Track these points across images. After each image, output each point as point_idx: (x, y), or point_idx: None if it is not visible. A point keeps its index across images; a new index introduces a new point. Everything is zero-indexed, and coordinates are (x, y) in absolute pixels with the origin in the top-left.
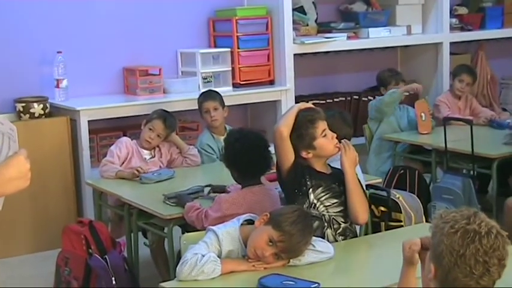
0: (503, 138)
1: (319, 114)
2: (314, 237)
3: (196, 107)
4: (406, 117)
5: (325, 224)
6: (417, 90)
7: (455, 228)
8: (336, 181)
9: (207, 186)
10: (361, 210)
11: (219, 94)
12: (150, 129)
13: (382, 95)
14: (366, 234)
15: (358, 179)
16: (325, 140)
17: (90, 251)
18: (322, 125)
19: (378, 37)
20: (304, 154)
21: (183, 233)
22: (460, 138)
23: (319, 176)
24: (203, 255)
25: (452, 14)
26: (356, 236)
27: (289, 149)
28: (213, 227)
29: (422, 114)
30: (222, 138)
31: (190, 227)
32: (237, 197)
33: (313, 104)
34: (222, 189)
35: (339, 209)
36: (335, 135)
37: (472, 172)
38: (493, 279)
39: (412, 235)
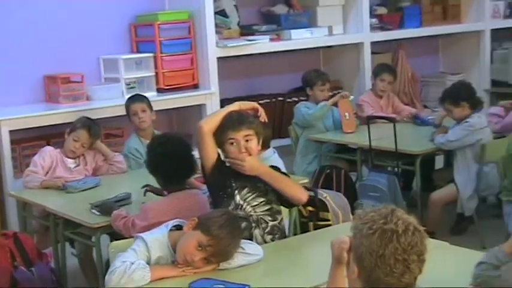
0: (428, 135)
1: (246, 119)
2: (243, 240)
3: (121, 113)
4: (330, 117)
5: (253, 225)
6: (346, 96)
7: (373, 229)
8: (261, 180)
9: (144, 186)
10: (295, 191)
11: (146, 97)
12: (75, 139)
13: (308, 95)
14: (294, 234)
15: (276, 167)
16: (232, 148)
17: (16, 263)
18: (242, 132)
19: (300, 38)
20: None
21: (111, 241)
22: (384, 136)
23: (243, 176)
24: (132, 263)
25: (372, 14)
26: (284, 234)
27: (210, 146)
28: (141, 234)
29: (346, 113)
30: None
31: (118, 235)
32: (163, 204)
33: None
34: (159, 192)
35: (266, 208)
36: (253, 145)
37: (396, 169)
38: (414, 276)
39: (340, 234)
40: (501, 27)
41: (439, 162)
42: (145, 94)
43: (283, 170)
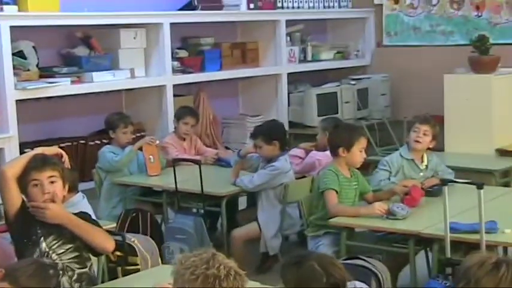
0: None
1: (50, 160)
2: None
3: None
4: (135, 161)
5: (60, 272)
6: (152, 142)
7: (195, 274)
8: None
9: None
10: (100, 241)
11: None
12: None
13: (112, 138)
14: (102, 281)
15: (86, 214)
16: (35, 189)
17: None
18: (46, 173)
19: (102, 81)
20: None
21: None
22: (189, 178)
23: (49, 223)
24: None
25: (173, 57)
26: (94, 282)
27: (14, 192)
28: None
29: (151, 156)
30: None
31: None
32: None
33: None
34: None
35: (73, 255)
36: (57, 189)
37: (202, 211)
38: None
39: (150, 278)
40: (297, 71)
41: (243, 202)
42: None
43: (93, 215)
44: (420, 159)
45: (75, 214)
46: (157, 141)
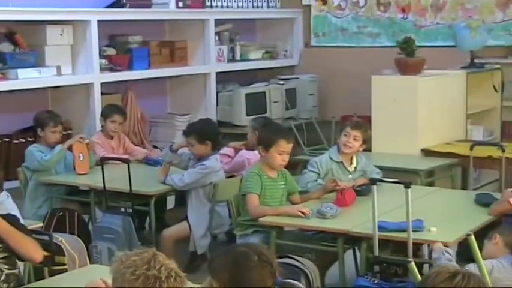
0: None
1: None
2: None
3: None
4: (62, 160)
5: None
6: (83, 140)
7: (136, 274)
8: None
9: None
10: (28, 250)
11: None
12: None
13: (39, 136)
14: (28, 281)
15: (13, 216)
16: None
17: None
18: None
19: (27, 78)
20: None
21: None
22: (118, 177)
23: None
24: None
25: (101, 55)
26: (21, 282)
27: None
28: None
29: (81, 154)
30: None
31: None
32: None
33: None
34: None
35: (2, 255)
36: None
37: (131, 210)
38: None
39: (78, 278)
40: (225, 71)
41: (171, 201)
42: None
43: (18, 215)
44: (349, 161)
45: (2, 216)
46: (87, 140)
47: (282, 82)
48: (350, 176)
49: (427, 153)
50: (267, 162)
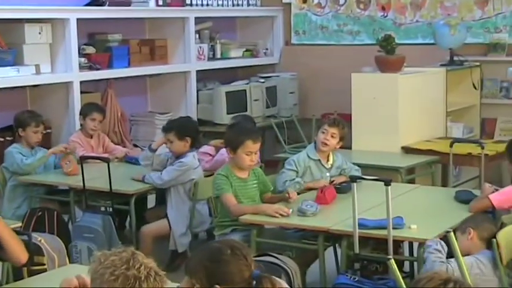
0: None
1: None
2: None
3: None
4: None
5: None
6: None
7: (115, 274)
8: None
9: None
10: (15, 250)
11: None
12: None
13: (20, 136)
14: (7, 282)
15: None
16: None
17: None
18: None
19: (5, 77)
20: None
21: None
22: (97, 176)
23: None
24: None
25: (80, 54)
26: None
27: None
28: None
29: (68, 162)
30: None
31: None
32: None
33: None
34: None
35: None
36: None
37: (111, 209)
38: None
39: (58, 279)
40: (206, 69)
41: (151, 200)
42: None
43: None
44: (326, 158)
45: None
46: (69, 150)
47: (262, 80)
48: (327, 173)
49: (407, 150)
50: (235, 163)
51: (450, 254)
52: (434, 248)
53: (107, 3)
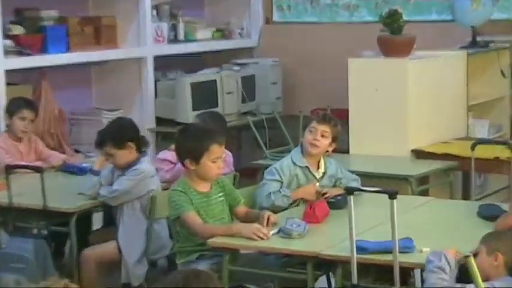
0: (85, 186)
1: None
2: None
3: None
4: None
5: None
6: None
7: None
8: None
9: None
10: None
11: None
12: None
13: None
14: None
15: None
16: None
17: None
18: None
19: None
20: None
21: None
22: (28, 190)
23: None
24: None
25: (5, 35)
26: None
27: None
28: None
29: None
30: None
31: None
32: None
33: None
34: None
35: None
36: None
37: (45, 231)
38: None
39: None
40: (165, 54)
41: (98, 220)
42: None
43: None
44: (316, 165)
45: None
46: None
47: (237, 68)
48: (318, 184)
49: (418, 154)
50: (197, 176)
51: (462, 273)
52: (436, 266)
53: None
